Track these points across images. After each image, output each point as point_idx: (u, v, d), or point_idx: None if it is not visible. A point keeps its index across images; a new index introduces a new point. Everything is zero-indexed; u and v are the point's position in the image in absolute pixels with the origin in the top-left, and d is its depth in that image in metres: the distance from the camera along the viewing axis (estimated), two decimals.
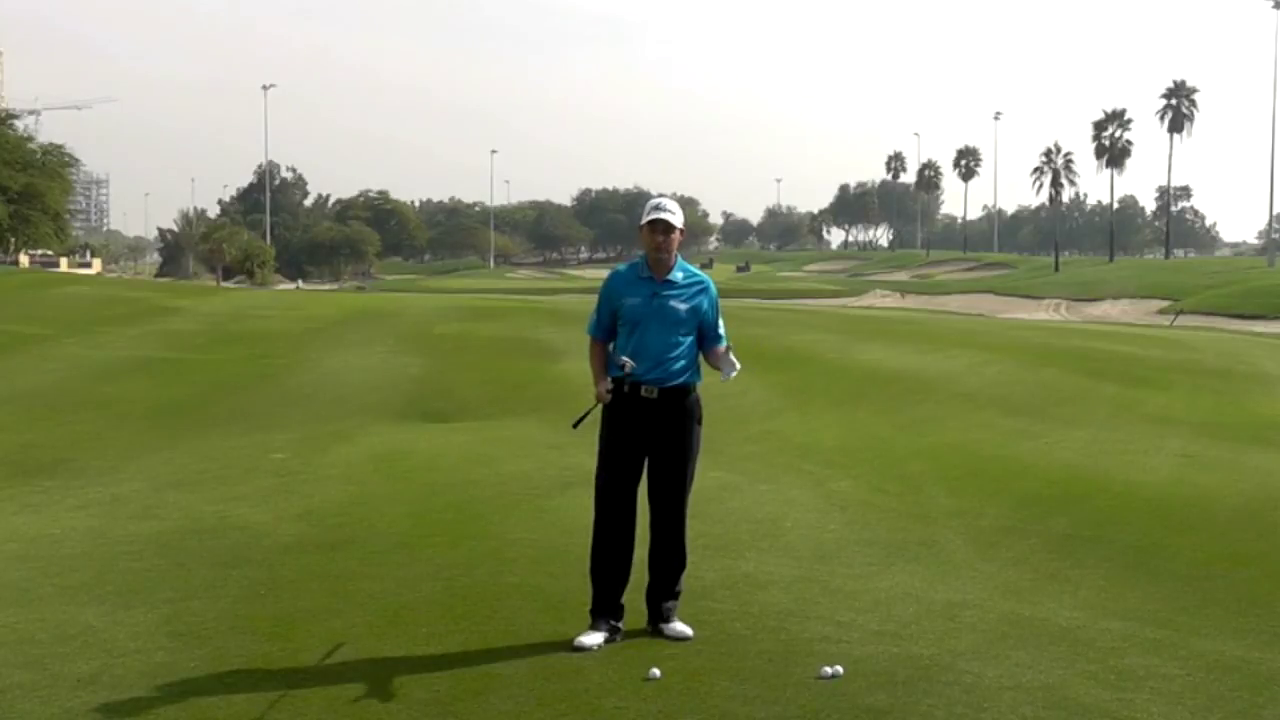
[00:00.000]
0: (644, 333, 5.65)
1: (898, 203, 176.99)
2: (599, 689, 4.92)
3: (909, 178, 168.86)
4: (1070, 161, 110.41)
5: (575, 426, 6.07)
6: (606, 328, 5.77)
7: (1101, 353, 21.10)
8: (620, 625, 5.64)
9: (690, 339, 5.73)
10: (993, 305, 65.58)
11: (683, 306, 5.70)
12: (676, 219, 5.67)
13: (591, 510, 5.84)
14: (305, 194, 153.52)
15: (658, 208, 5.71)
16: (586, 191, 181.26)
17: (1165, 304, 59.63)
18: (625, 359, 5.61)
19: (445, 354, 19.84)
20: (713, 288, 5.86)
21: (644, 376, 5.63)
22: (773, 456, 10.83)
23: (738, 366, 5.78)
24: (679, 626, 5.66)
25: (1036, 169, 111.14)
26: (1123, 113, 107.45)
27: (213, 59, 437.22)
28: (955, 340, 23.51)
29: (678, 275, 5.74)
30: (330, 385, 16.07)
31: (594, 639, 5.48)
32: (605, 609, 5.65)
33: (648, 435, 5.68)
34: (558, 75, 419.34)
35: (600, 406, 5.72)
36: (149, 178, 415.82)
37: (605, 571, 5.69)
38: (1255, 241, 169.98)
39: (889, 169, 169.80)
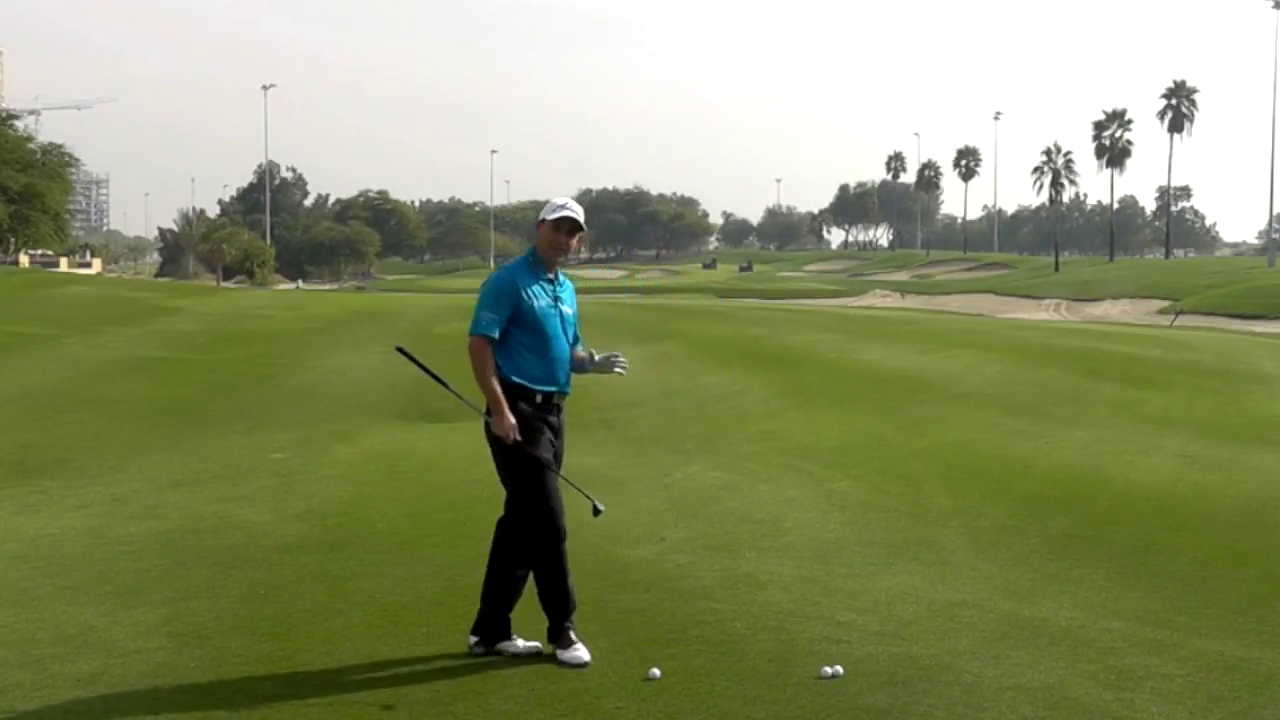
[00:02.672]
0: (554, 339, 5.41)
1: (898, 203, 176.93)
2: (599, 689, 4.93)
3: (909, 178, 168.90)
4: (1070, 161, 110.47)
5: (401, 350, 5.80)
6: (502, 327, 5.34)
7: (1101, 353, 21.08)
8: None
9: None
10: (993, 305, 65.55)
11: (570, 310, 5.57)
12: (582, 219, 5.51)
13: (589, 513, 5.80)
14: (305, 194, 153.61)
15: (567, 205, 5.44)
16: (586, 191, 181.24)
17: (1165, 304, 59.59)
18: (599, 506, 5.42)
19: (445, 354, 19.77)
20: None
21: (566, 386, 5.50)
22: (773, 456, 10.83)
23: (622, 360, 5.66)
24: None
25: (1036, 169, 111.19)
26: (1123, 113, 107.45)
27: (213, 59, 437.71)
28: (955, 340, 23.50)
29: (561, 276, 5.58)
30: (330, 385, 16.08)
31: (586, 650, 5.26)
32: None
33: (555, 439, 5.50)
34: (558, 75, 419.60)
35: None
36: (149, 178, 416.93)
37: (565, 582, 5.40)
38: (1255, 241, 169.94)
39: (889, 169, 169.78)
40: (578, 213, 5.47)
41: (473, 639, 5.42)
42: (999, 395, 15.33)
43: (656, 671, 5.06)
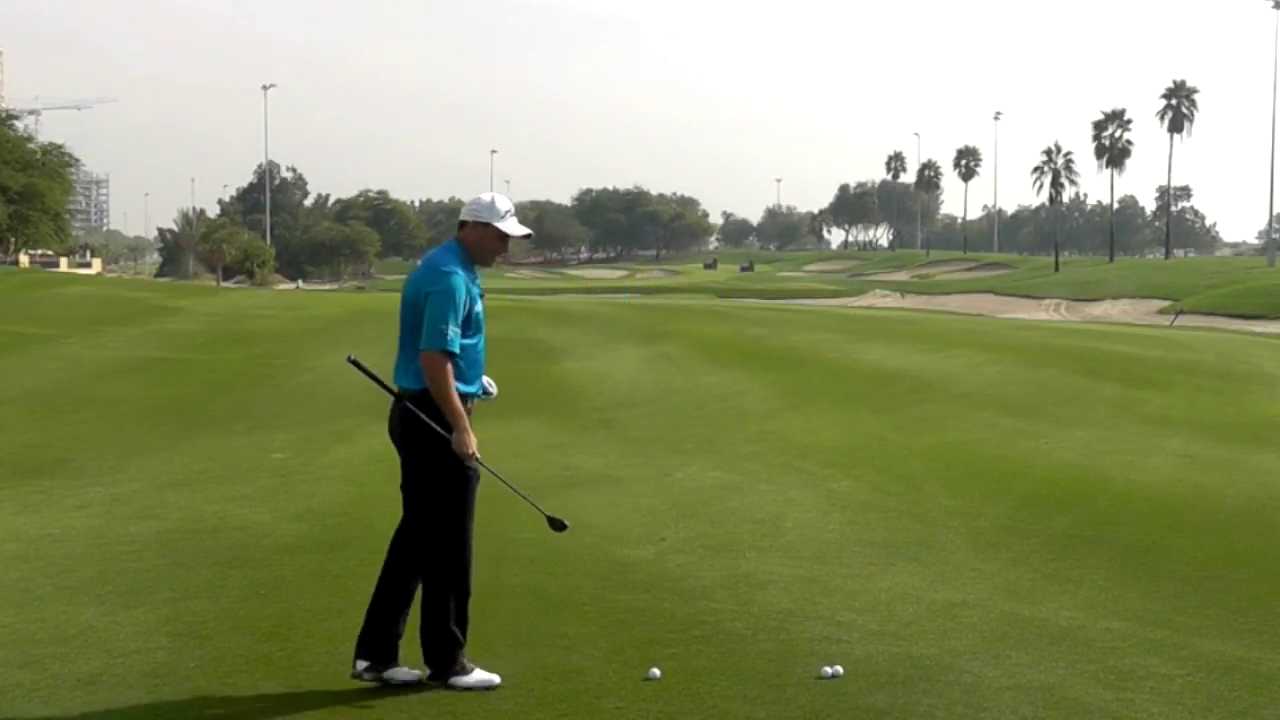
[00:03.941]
0: (482, 345, 5.23)
1: (898, 203, 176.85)
2: (599, 689, 4.93)
3: (909, 178, 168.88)
4: (1070, 161, 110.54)
5: (351, 360, 5.42)
6: None
7: (1101, 353, 21.09)
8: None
9: None
10: (993, 305, 65.56)
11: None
12: None
13: (589, 510, 5.81)
14: (305, 194, 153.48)
15: (514, 213, 5.26)
16: (586, 191, 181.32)
17: (1165, 304, 59.60)
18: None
19: None
20: None
21: (481, 392, 5.36)
22: (773, 456, 10.82)
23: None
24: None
25: (1036, 169, 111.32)
26: (1123, 113, 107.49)
27: (213, 59, 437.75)
28: (955, 340, 23.50)
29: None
30: (330, 385, 16.06)
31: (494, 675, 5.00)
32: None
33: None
34: (558, 75, 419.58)
35: (435, 425, 5.16)
36: (149, 178, 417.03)
37: (448, 621, 5.06)
38: (1255, 241, 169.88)
39: (889, 169, 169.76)
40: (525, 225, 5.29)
41: (360, 664, 4.97)
42: (999, 395, 15.33)
43: (656, 671, 5.06)
